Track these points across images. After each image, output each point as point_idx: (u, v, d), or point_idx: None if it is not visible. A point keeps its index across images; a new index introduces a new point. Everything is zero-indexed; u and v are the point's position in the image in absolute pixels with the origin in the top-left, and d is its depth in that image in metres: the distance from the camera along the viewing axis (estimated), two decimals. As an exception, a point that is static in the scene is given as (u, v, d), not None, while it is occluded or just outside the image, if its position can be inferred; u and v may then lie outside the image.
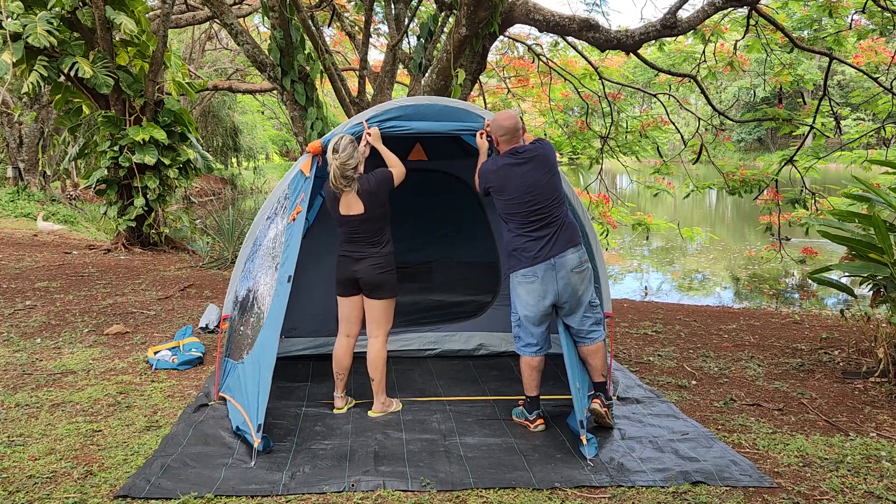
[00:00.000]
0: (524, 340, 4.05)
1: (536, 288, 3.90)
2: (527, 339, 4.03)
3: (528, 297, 3.93)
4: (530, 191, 3.91)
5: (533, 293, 3.91)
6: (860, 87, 24.54)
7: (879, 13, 7.70)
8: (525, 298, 3.94)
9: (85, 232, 14.79)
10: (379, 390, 4.26)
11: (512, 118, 4.01)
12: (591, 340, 4.02)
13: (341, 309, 4.31)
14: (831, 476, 3.45)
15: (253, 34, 15.56)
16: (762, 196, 8.99)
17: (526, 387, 4.08)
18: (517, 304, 4.01)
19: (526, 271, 3.90)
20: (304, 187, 4.14)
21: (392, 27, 8.53)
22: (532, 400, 4.07)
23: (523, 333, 4.05)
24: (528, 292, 3.92)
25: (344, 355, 4.31)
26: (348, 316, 4.30)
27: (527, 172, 3.93)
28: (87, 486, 3.24)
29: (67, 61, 9.53)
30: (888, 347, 4.99)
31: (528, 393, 4.08)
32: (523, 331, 4.05)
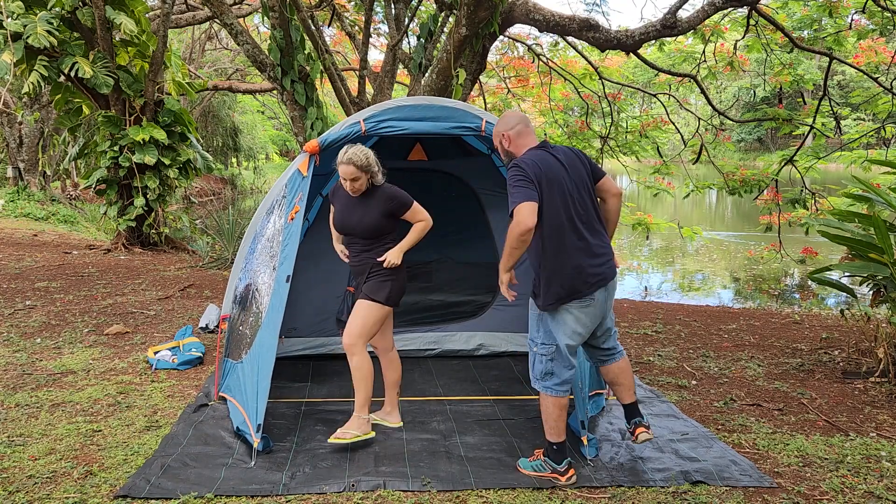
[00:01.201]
0: (559, 377, 3.35)
1: (591, 312, 3.34)
2: (562, 374, 3.35)
3: (576, 325, 3.32)
4: (582, 188, 3.34)
5: (585, 318, 3.33)
6: (860, 87, 24.55)
7: (879, 13, 7.70)
8: (572, 326, 3.31)
9: (85, 232, 14.79)
10: (356, 407, 3.80)
11: (515, 112, 3.63)
12: (620, 354, 3.61)
13: None
14: (831, 476, 3.45)
15: (253, 34, 15.56)
16: (762, 196, 8.99)
17: (553, 432, 3.39)
18: (557, 334, 3.32)
19: (582, 300, 3.28)
20: (301, 187, 4.14)
21: (392, 27, 8.53)
22: (560, 447, 3.39)
23: (559, 369, 3.35)
24: (578, 319, 3.31)
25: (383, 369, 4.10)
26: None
27: (563, 161, 3.36)
28: (87, 486, 3.24)
29: (67, 61, 9.53)
30: (888, 347, 4.99)
31: (556, 439, 3.38)
32: (559, 365, 3.34)
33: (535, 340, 3.40)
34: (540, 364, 3.38)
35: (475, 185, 5.68)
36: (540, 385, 3.40)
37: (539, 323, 3.38)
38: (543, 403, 3.41)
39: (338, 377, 4.96)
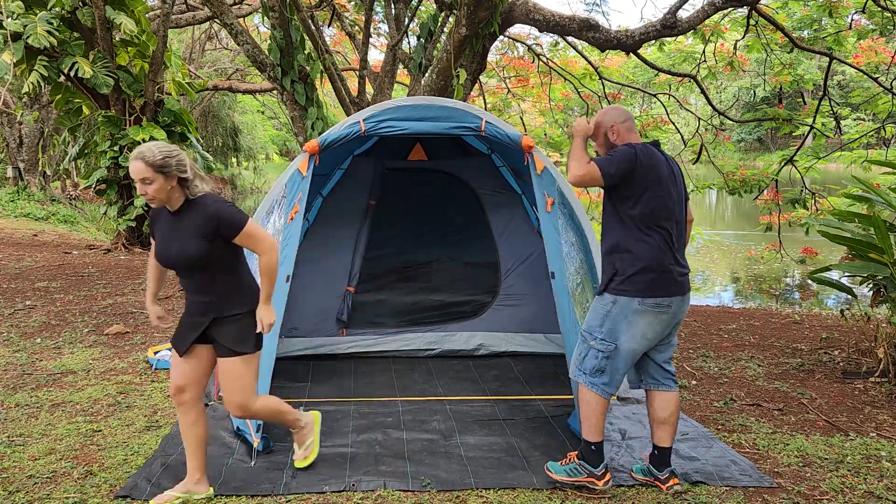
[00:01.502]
0: (610, 378, 3.20)
1: (665, 321, 3.19)
2: (615, 377, 3.20)
3: (647, 330, 3.15)
4: (681, 199, 3.30)
5: (657, 325, 3.17)
6: (860, 87, 24.54)
7: (879, 13, 7.70)
8: (643, 330, 3.15)
9: (85, 232, 14.79)
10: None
11: (622, 107, 3.52)
12: (675, 383, 3.37)
13: None
14: (831, 476, 3.45)
15: (253, 34, 15.55)
16: (762, 196, 8.99)
17: (593, 431, 3.24)
18: (621, 335, 3.15)
19: (662, 300, 3.14)
20: (301, 187, 4.13)
21: (392, 27, 8.54)
22: (598, 448, 3.26)
23: (613, 370, 3.19)
24: (651, 325, 3.15)
25: None
26: None
27: (674, 170, 3.34)
28: (87, 486, 3.24)
29: (67, 61, 9.54)
30: (888, 347, 4.99)
31: (596, 438, 3.24)
32: (615, 366, 3.18)
33: (594, 334, 3.21)
34: (594, 359, 3.20)
35: (475, 185, 5.68)
36: (587, 380, 3.23)
37: (605, 317, 3.19)
38: (586, 399, 3.22)
39: (337, 377, 4.96)
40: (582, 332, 3.30)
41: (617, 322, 3.15)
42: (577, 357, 3.29)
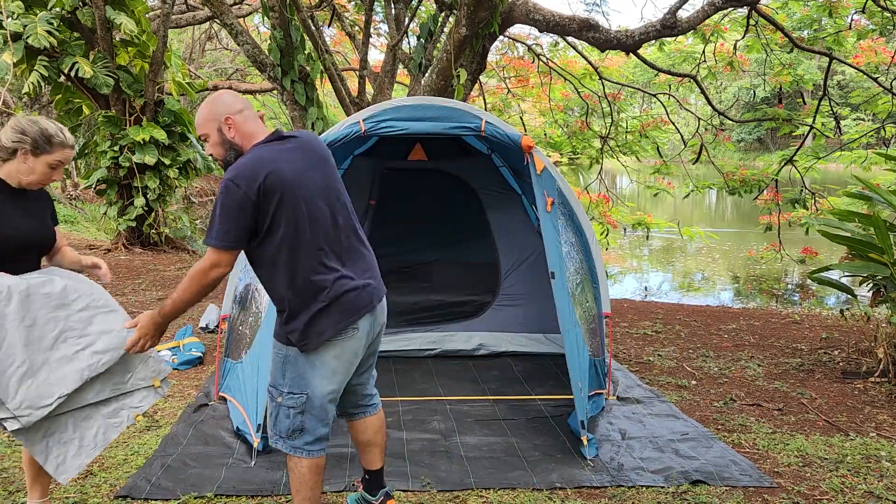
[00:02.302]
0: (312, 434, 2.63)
1: (354, 347, 2.62)
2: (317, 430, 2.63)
3: (337, 364, 2.59)
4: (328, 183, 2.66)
5: (347, 357, 2.62)
6: (860, 87, 24.54)
7: (879, 13, 7.71)
8: (332, 366, 2.58)
9: (85, 232, 14.80)
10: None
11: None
12: (377, 405, 2.96)
13: None
14: (831, 476, 3.45)
15: (253, 34, 15.56)
16: (762, 196, 9.00)
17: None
18: (312, 379, 2.57)
19: (350, 326, 2.56)
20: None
21: (392, 27, 8.54)
22: None
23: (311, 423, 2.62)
24: (339, 357, 2.59)
25: None
26: None
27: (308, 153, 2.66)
28: (87, 486, 3.24)
29: (67, 61, 9.53)
30: (888, 347, 4.99)
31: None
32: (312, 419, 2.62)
33: (280, 389, 2.60)
34: (286, 419, 2.60)
35: (475, 185, 5.68)
36: (286, 445, 2.62)
37: (284, 366, 2.59)
38: (296, 471, 2.62)
39: (338, 377, 4.96)
40: (268, 391, 2.67)
41: (301, 367, 2.57)
42: (272, 422, 2.65)
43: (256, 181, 2.41)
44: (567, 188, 4.40)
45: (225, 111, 2.57)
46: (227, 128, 2.56)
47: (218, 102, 2.60)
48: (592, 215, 8.95)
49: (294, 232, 2.47)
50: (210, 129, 2.59)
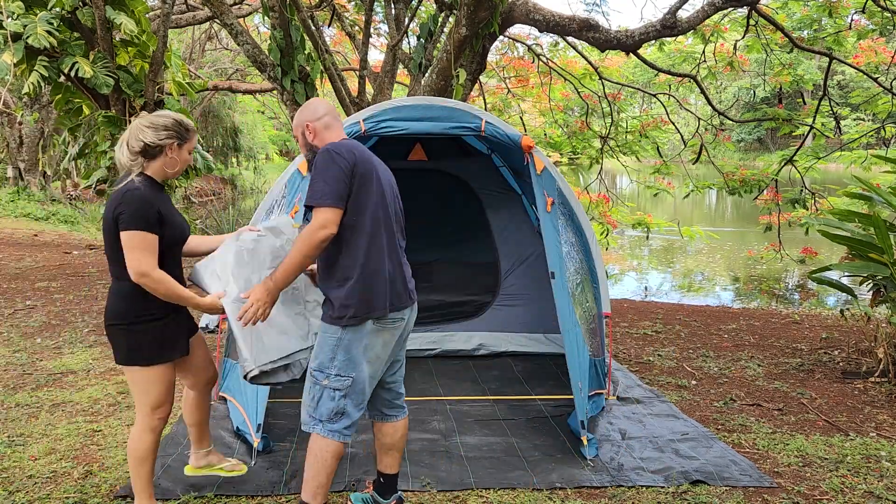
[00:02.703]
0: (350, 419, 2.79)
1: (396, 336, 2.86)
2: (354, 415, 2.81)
3: (382, 351, 2.81)
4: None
5: (390, 345, 2.84)
6: (860, 87, 24.55)
7: (879, 13, 7.70)
8: (379, 352, 2.80)
9: (85, 232, 14.79)
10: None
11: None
12: (404, 409, 3.09)
13: None
14: (831, 476, 3.45)
15: (253, 34, 15.56)
16: (762, 196, 8.99)
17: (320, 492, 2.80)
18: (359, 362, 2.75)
19: (398, 315, 2.81)
20: (301, 187, 4.14)
21: (392, 27, 8.53)
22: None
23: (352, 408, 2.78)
24: (386, 344, 2.81)
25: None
26: None
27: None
28: (87, 486, 3.24)
29: (67, 61, 9.53)
30: (888, 347, 4.99)
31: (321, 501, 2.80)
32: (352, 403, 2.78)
33: (327, 372, 2.73)
34: (330, 401, 2.73)
35: (475, 185, 5.68)
36: (324, 428, 2.74)
37: (335, 350, 2.72)
38: (321, 452, 2.73)
39: (338, 377, 4.96)
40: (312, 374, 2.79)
41: (346, 353, 2.72)
42: (311, 403, 2.77)
43: (353, 158, 2.68)
44: (567, 188, 4.39)
45: (308, 118, 2.85)
46: (309, 133, 2.85)
47: (305, 109, 2.88)
48: (592, 215, 8.95)
49: (371, 217, 2.71)
50: (297, 133, 2.90)
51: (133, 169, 2.75)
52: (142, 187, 2.68)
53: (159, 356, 2.75)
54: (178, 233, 2.81)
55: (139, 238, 2.61)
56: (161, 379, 2.78)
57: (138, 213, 2.62)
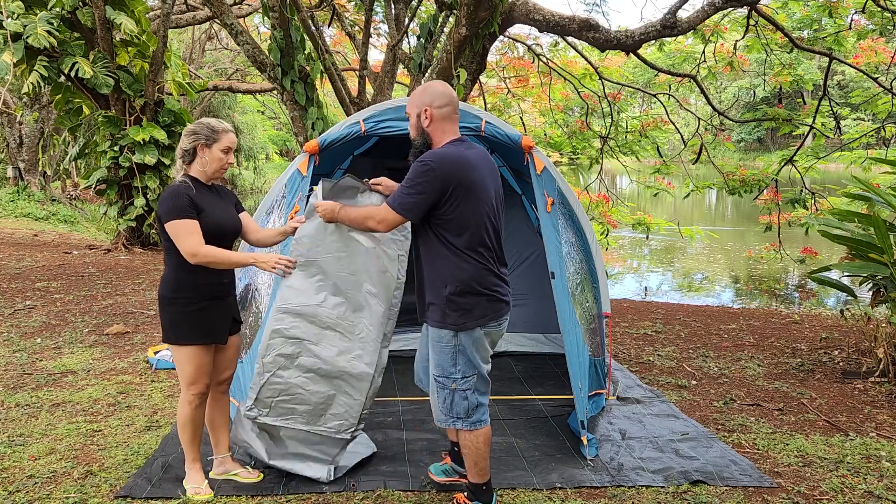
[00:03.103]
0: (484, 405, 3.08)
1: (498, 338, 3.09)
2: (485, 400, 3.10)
3: (488, 348, 3.02)
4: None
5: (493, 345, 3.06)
6: (860, 87, 24.55)
7: (879, 13, 7.71)
8: (488, 349, 3.02)
9: (85, 232, 14.80)
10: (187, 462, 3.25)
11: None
12: None
13: None
14: (831, 476, 3.45)
15: (253, 34, 15.56)
16: (762, 196, 9.00)
17: (483, 472, 3.04)
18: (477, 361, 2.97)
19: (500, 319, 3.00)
20: (301, 187, 4.14)
21: (392, 27, 8.54)
22: (488, 484, 3.07)
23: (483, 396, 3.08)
24: (493, 343, 3.04)
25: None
26: None
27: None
28: (87, 486, 3.24)
29: (67, 61, 9.54)
30: (888, 347, 4.99)
31: (486, 477, 3.06)
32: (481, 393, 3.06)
33: (453, 377, 2.93)
34: (464, 401, 2.95)
35: (475, 185, 5.67)
36: (465, 423, 2.96)
37: (455, 356, 2.92)
38: (472, 443, 2.96)
39: (338, 377, 4.96)
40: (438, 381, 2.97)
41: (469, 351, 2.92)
42: (443, 407, 2.99)
43: (453, 173, 2.76)
44: (567, 188, 4.39)
45: (429, 102, 2.91)
46: (426, 117, 2.91)
47: (427, 92, 2.93)
48: (592, 215, 8.95)
49: (478, 229, 2.82)
50: (412, 112, 2.98)
51: (179, 172, 3.11)
52: (177, 184, 3.01)
53: (189, 338, 3.03)
54: (212, 224, 3.02)
55: (178, 225, 2.93)
56: (191, 359, 3.05)
57: (170, 205, 2.94)
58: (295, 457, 3.29)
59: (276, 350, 3.13)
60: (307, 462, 3.29)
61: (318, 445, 3.26)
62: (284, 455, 3.30)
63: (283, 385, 3.16)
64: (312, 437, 3.25)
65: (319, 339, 3.13)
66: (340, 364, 3.14)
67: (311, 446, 3.27)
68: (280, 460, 3.30)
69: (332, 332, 3.14)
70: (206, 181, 3.12)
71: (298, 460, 3.29)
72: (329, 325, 3.13)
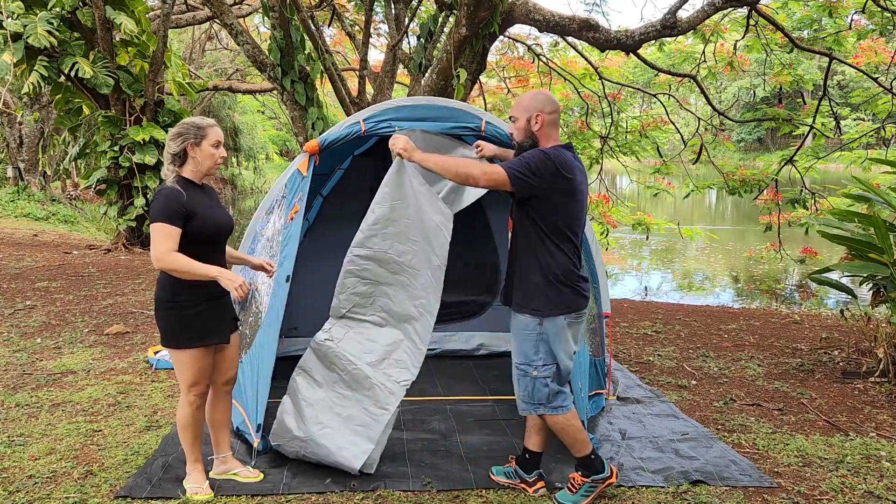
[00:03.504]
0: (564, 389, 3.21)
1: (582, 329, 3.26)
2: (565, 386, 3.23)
3: (571, 341, 3.16)
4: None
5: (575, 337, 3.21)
6: (860, 87, 24.55)
7: (879, 13, 7.71)
8: (570, 341, 3.15)
9: (85, 232, 14.80)
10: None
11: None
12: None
13: None
14: (831, 476, 3.45)
15: (253, 34, 15.56)
16: (762, 196, 9.00)
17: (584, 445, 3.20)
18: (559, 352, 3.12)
19: (581, 313, 3.16)
20: (301, 187, 4.13)
21: (392, 27, 8.54)
22: (595, 454, 3.21)
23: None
24: (574, 335, 3.18)
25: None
26: None
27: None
28: (87, 486, 3.24)
29: (67, 61, 9.54)
30: (888, 347, 4.99)
31: (589, 449, 3.20)
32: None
33: (534, 363, 3.09)
34: (544, 388, 3.10)
35: (475, 185, 5.67)
36: (547, 409, 3.12)
37: (537, 344, 3.09)
38: (561, 424, 3.12)
39: (338, 377, 4.96)
40: (520, 368, 3.13)
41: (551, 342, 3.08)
42: (525, 394, 3.14)
43: (565, 171, 2.98)
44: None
45: (541, 108, 3.10)
46: (536, 122, 3.10)
47: (538, 98, 3.14)
48: (592, 215, 8.95)
49: (572, 224, 3.04)
50: (522, 115, 3.13)
51: (170, 175, 3.10)
52: (171, 187, 3.00)
53: (188, 341, 3.03)
54: (209, 226, 3.04)
55: (158, 228, 2.94)
56: (193, 362, 3.05)
57: (160, 206, 2.94)
58: (333, 437, 3.31)
59: (350, 289, 3.26)
60: (346, 443, 3.30)
61: (361, 426, 3.31)
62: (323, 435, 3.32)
63: (357, 321, 3.27)
64: (358, 415, 3.31)
65: (391, 282, 3.26)
66: (409, 309, 3.25)
67: (354, 425, 3.31)
68: (315, 447, 3.33)
69: (401, 276, 3.27)
70: (198, 181, 3.12)
71: (335, 442, 3.31)
72: (397, 271, 3.26)
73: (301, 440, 3.39)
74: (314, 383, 3.46)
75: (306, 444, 3.37)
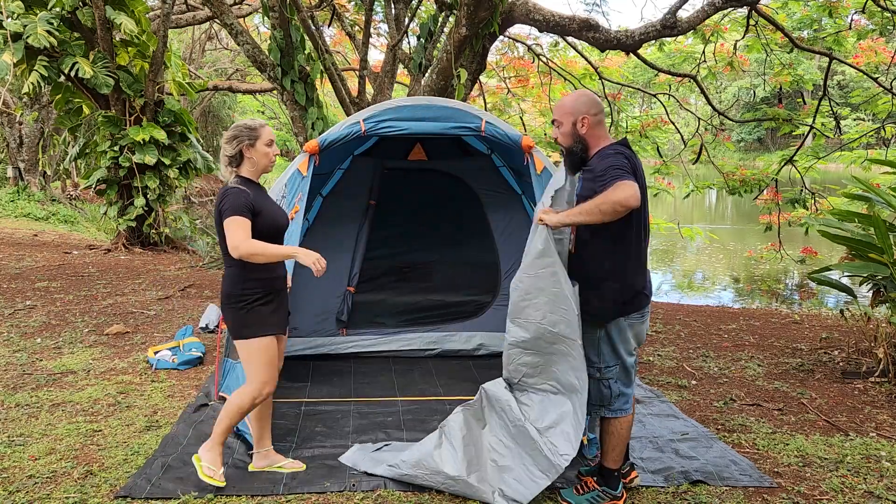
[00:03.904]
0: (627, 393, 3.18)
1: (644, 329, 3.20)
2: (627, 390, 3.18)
3: (633, 341, 3.15)
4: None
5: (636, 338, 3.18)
6: (860, 87, 24.55)
7: (879, 13, 7.71)
8: (631, 341, 3.14)
9: (85, 232, 14.80)
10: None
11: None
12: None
13: None
14: (831, 476, 3.45)
15: (253, 34, 15.56)
16: (762, 196, 9.00)
17: (619, 457, 3.19)
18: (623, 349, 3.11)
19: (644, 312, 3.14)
20: (301, 187, 4.14)
21: (392, 27, 8.54)
22: (619, 472, 3.20)
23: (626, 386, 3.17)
24: (636, 335, 3.16)
25: None
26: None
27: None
28: (87, 486, 3.24)
29: (67, 61, 9.54)
30: (888, 347, 4.99)
31: (620, 464, 3.20)
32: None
33: (597, 365, 3.08)
34: (607, 389, 3.09)
35: (475, 185, 5.68)
36: (608, 412, 3.10)
37: (599, 345, 3.08)
38: (615, 427, 3.11)
39: (338, 377, 4.96)
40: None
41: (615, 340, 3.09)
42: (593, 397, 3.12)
43: (637, 170, 2.91)
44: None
45: (586, 110, 3.02)
46: (582, 125, 3.01)
47: (581, 100, 3.06)
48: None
49: (639, 225, 2.98)
50: (566, 120, 3.04)
51: (230, 177, 3.25)
52: (236, 186, 3.15)
53: (260, 329, 3.16)
54: (270, 222, 3.19)
55: (234, 221, 3.06)
56: (263, 350, 3.16)
57: (232, 201, 3.08)
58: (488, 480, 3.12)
59: (516, 360, 3.13)
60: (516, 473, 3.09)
61: (516, 481, 3.07)
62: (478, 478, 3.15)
63: (533, 391, 3.13)
64: (517, 469, 3.09)
65: (552, 352, 3.06)
66: (573, 380, 3.05)
67: (510, 478, 3.09)
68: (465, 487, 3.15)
69: (560, 346, 3.06)
70: (256, 179, 3.27)
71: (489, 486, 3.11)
72: (554, 341, 3.05)
73: (450, 477, 3.17)
74: (477, 424, 3.27)
75: (454, 483, 3.17)
